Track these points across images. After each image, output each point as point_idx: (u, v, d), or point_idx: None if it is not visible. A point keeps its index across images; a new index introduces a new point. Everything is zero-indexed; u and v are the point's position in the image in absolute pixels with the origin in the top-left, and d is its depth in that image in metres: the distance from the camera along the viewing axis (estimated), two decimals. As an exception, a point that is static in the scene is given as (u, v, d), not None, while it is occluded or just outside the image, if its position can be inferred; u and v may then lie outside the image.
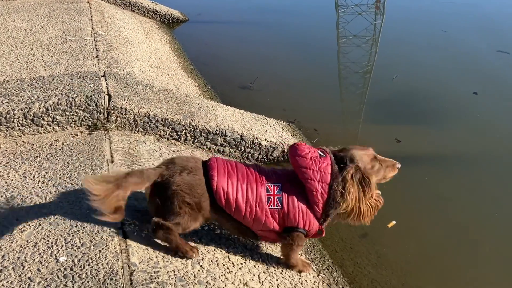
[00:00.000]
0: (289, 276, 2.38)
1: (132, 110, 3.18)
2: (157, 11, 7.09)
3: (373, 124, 4.46)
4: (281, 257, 2.43)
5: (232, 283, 2.15)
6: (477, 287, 2.70)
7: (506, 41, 6.58)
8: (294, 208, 2.16)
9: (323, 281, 2.50)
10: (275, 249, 2.52)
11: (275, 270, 2.37)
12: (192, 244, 2.27)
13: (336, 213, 2.20)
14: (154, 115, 3.24)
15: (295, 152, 2.20)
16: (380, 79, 5.43)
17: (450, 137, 4.20)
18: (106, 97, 3.16)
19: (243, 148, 3.53)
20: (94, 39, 4.80)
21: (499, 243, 3.00)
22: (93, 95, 3.12)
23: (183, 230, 2.16)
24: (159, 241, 2.19)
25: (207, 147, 3.43)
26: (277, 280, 2.31)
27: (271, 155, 3.63)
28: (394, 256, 2.83)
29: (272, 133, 3.79)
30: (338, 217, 2.24)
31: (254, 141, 3.55)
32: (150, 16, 7.06)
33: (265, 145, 3.59)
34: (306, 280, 2.43)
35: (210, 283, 2.08)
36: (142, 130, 3.24)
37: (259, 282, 2.24)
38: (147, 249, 2.14)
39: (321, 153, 2.21)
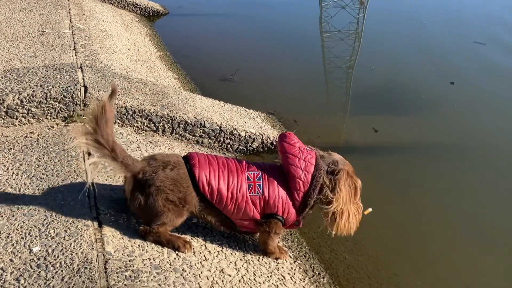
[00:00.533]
0: (265, 263, 2.41)
1: (108, 101, 3.16)
2: (137, 4, 7.02)
3: (352, 114, 4.51)
4: (259, 244, 2.46)
5: (208, 270, 2.17)
6: (451, 272, 2.76)
7: (483, 33, 6.68)
8: (274, 194, 2.21)
9: (299, 267, 2.53)
10: (251, 237, 2.54)
11: (251, 257, 2.40)
12: (187, 238, 2.30)
13: (323, 211, 2.26)
14: (131, 106, 3.23)
15: (284, 139, 2.29)
16: (358, 70, 5.48)
17: (427, 126, 4.26)
18: (82, 88, 3.14)
19: (222, 139, 3.54)
20: (72, 32, 4.74)
21: (472, 229, 3.07)
22: (69, 86, 3.09)
23: (171, 227, 2.20)
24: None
25: (185, 139, 3.43)
26: (253, 267, 2.34)
27: (250, 146, 3.65)
28: (370, 242, 2.87)
29: (252, 124, 3.80)
30: (328, 224, 2.27)
31: (234, 132, 3.56)
32: (130, 9, 6.99)
33: (245, 136, 3.60)
34: (282, 267, 2.45)
35: (185, 271, 2.09)
36: (119, 122, 3.22)
37: (236, 269, 2.26)
38: (122, 238, 2.14)
39: (308, 148, 2.30)
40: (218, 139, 3.53)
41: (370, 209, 3.04)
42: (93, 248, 2.00)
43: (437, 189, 3.44)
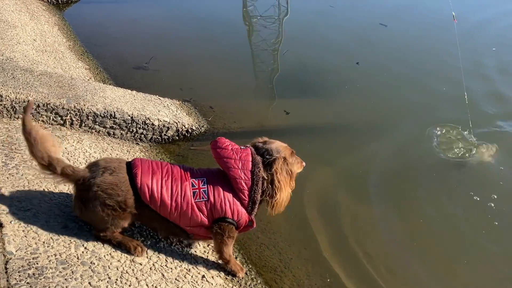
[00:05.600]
0: (178, 249, 2.47)
1: (8, 96, 3.03)
2: (43, -9, 6.64)
3: (264, 98, 4.64)
4: (215, 253, 2.47)
5: (118, 260, 2.19)
6: (356, 242, 2.98)
7: (387, 14, 7.01)
8: (220, 198, 2.23)
9: (212, 250, 2.60)
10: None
11: (163, 244, 2.45)
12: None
13: (263, 201, 2.32)
14: (34, 100, 3.11)
15: (216, 145, 2.31)
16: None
17: (332, 106, 4.50)
18: (-22, 84, 2.98)
19: (134, 129, 3.52)
20: (-33, 23, 4.43)
21: (369, 197, 3.36)
22: (-38, 82, 2.92)
23: (118, 229, 2.24)
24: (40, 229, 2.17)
25: (96, 131, 3.37)
26: (165, 254, 2.40)
27: (165, 134, 3.66)
28: (282, 220, 3.02)
29: (166, 113, 3.81)
30: (268, 206, 2.35)
31: (146, 122, 3.56)
32: (36, -4, 6.60)
33: (158, 125, 3.61)
34: (195, 251, 2.53)
35: (94, 263, 2.10)
36: (22, 117, 3.10)
37: (147, 257, 2.31)
38: (25, 236, 2.10)
39: (242, 147, 2.33)
40: (131, 130, 3.51)
41: None
42: (-8, 249, 1.95)
43: (341, 165, 3.67)
